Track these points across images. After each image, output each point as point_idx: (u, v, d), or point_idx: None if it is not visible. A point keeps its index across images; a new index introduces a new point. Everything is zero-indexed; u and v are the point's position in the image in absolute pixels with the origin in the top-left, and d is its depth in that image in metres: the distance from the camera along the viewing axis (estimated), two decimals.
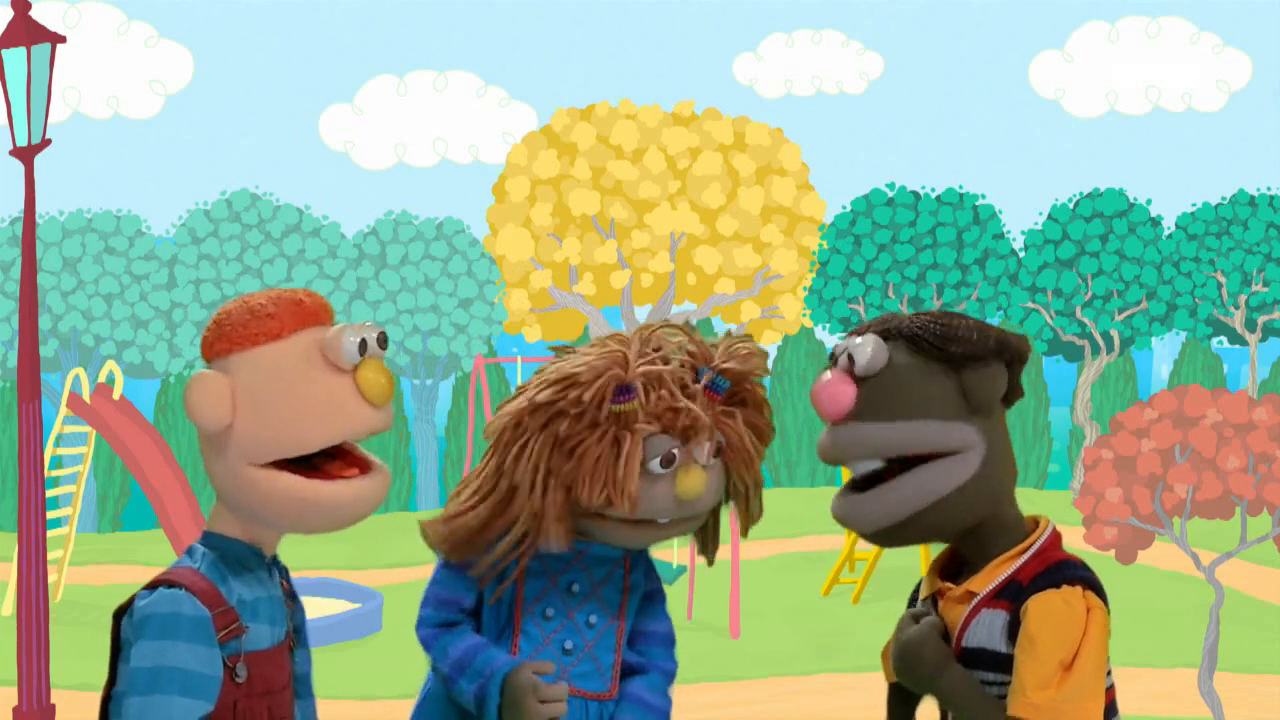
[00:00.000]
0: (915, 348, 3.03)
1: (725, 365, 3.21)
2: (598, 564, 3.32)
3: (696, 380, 3.19)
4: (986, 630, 3.03)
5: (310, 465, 2.91)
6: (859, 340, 3.03)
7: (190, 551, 2.96)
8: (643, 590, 3.37)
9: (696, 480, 3.13)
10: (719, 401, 3.20)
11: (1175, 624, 11.88)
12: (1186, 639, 10.81)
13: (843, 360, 3.04)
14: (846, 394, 2.99)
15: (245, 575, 2.95)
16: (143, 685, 2.79)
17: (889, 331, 3.06)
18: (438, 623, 3.35)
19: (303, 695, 3.16)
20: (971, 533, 3.07)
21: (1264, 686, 11.20)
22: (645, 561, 3.39)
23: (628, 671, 3.33)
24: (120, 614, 2.95)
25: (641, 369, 3.15)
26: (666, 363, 3.19)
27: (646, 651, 3.36)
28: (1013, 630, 3.00)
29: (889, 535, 3.04)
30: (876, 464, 3.02)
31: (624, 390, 3.13)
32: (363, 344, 2.89)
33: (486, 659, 3.25)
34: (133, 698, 2.79)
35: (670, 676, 3.37)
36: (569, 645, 3.30)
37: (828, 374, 3.04)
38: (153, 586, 2.90)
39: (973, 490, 3.01)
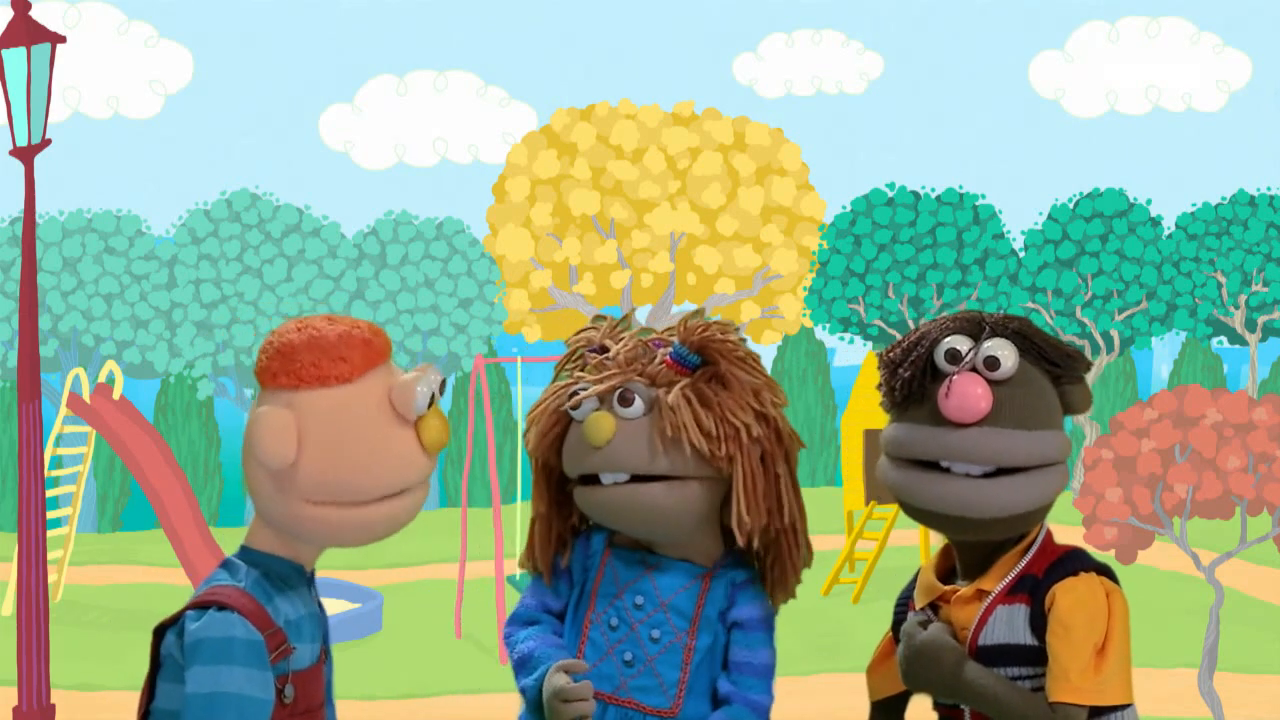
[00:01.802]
0: (1027, 354, 3.05)
1: (686, 337, 3.29)
2: (669, 579, 3.32)
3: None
4: (1006, 625, 3.04)
5: None
6: (994, 342, 3.02)
7: (230, 567, 2.93)
8: (730, 615, 3.32)
9: (597, 422, 3.21)
10: (686, 374, 3.26)
11: (1175, 624, 11.89)
12: (1186, 639, 10.81)
13: (975, 361, 3.03)
14: (986, 398, 2.99)
15: (288, 593, 2.94)
16: (200, 712, 2.78)
17: (1018, 334, 3.05)
18: (522, 621, 3.41)
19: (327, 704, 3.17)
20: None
21: (1264, 686, 11.20)
22: (734, 585, 3.33)
23: (718, 701, 3.32)
24: (161, 630, 2.92)
25: (596, 337, 3.39)
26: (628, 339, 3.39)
27: (739, 681, 3.30)
28: (1035, 622, 3.03)
29: (988, 526, 3.04)
30: (989, 468, 3.02)
31: (591, 351, 3.37)
32: (432, 397, 2.90)
33: (542, 656, 3.29)
34: None
35: (759, 709, 3.29)
36: (629, 657, 3.30)
37: (962, 374, 3.01)
38: (202, 607, 2.85)
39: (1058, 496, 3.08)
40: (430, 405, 2.90)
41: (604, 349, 3.36)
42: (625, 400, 3.22)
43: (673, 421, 3.19)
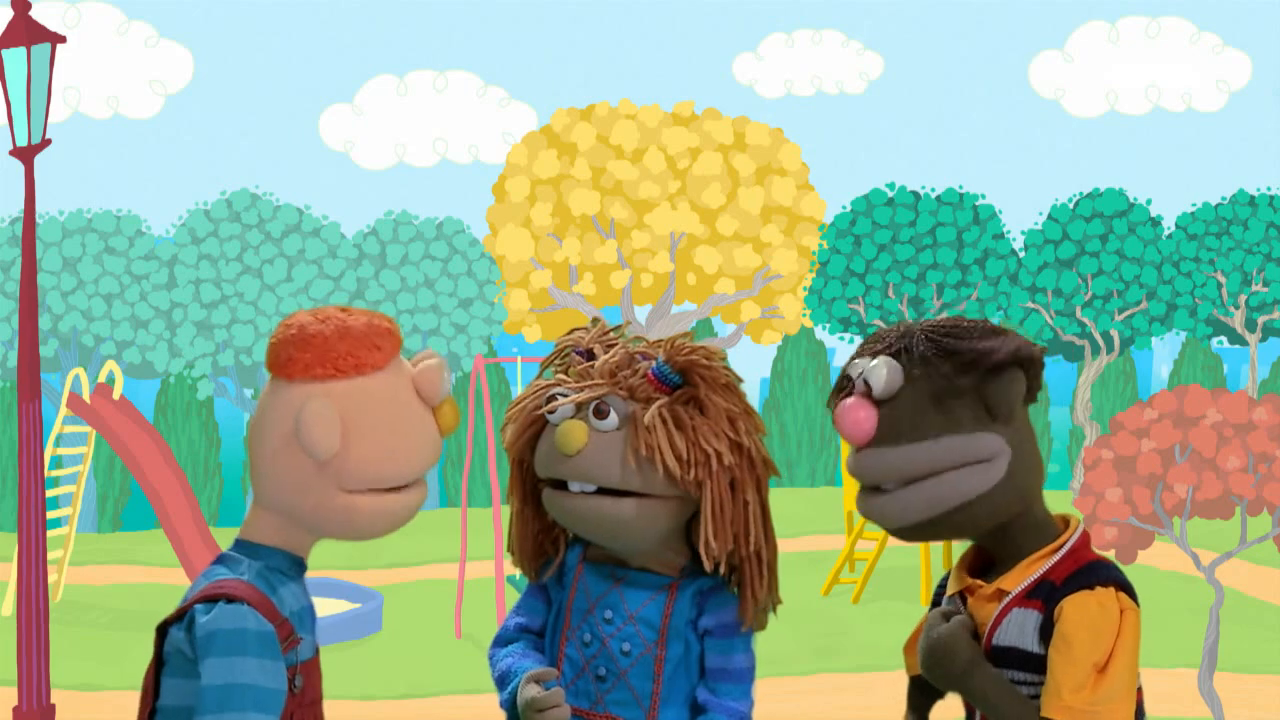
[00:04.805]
0: (929, 363, 3.04)
1: (671, 356, 3.28)
2: (636, 592, 3.32)
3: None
4: (1018, 630, 3.03)
5: None
6: (873, 363, 3.05)
7: (228, 561, 2.95)
8: (701, 623, 3.32)
9: (570, 431, 3.22)
10: (665, 392, 3.24)
11: (1175, 624, 11.88)
12: (1186, 639, 10.81)
13: (859, 384, 3.06)
14: (868, 420, 3.02)
15: (288, 586, 2.96)
16: (215, 703, 2.79)
17: (904, 349, 3.05)
18: (502, 643, 3.42)
19: None
20: (999, 531, 3.08)
21: (1264, 686, 11.20)
22: (701, 592, 3.34)
23: (697, 709, 3.32)
24: (164, 627, 2.93)
25: (584, 339, 3.39)
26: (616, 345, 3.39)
27: (715, 688, 3.32)
28: (1045, 630, 3.01)
29: (915, 532, 3.06)
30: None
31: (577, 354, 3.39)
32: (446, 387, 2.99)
33: (516, 670, 3.30)
34: (205, 716, 2.79)
35: (736, 715, 3.30)
36: (602, 672, 3.30)
37: (849, 399, 3.05)
38: (210, 600, 2.88)
39: (999, 494, 3.03)
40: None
41: (590, 354, 3.35)
42: (600, 413, 3.22)
43: (646, 441, 3.19)
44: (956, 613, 3.10)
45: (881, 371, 3.02)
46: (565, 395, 3.26)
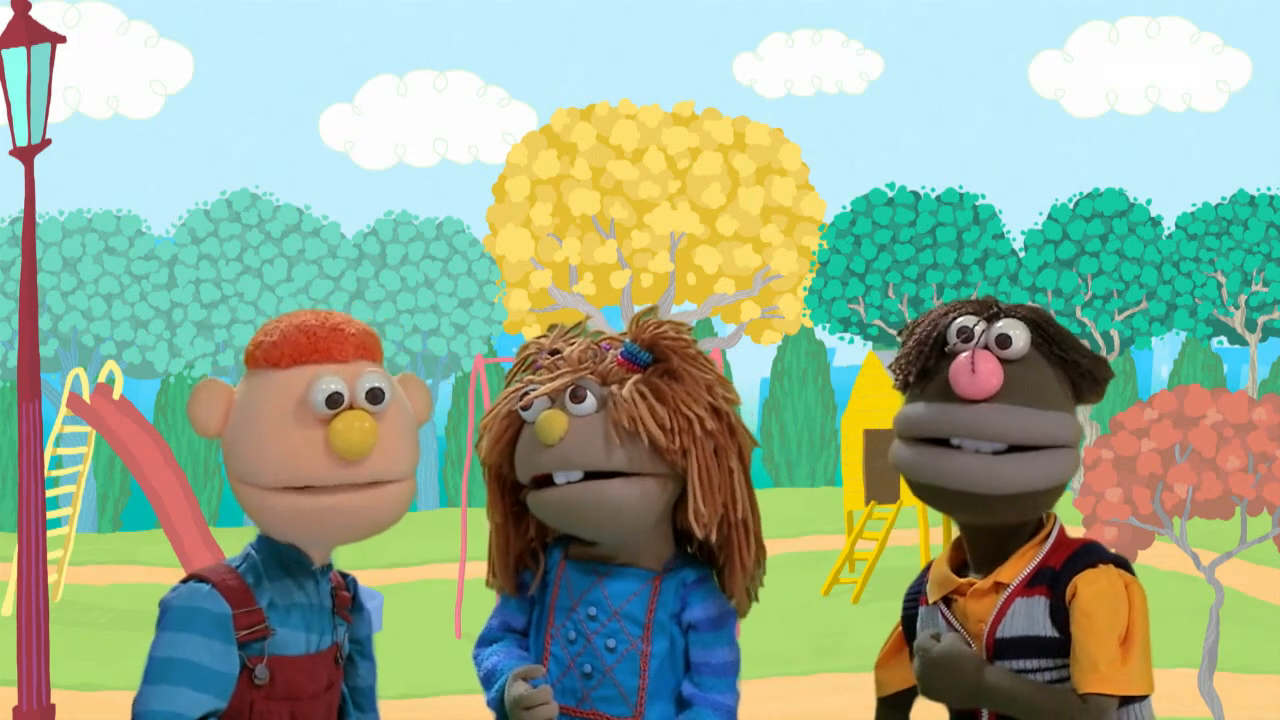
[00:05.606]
0: (1053, 343, 3.08)
1: (637, 335, 3.28)
2: (620, 587, 3.31)
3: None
4: (1026, 618, 3.05)
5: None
6: (1009, 323, 3.05)
7: (244, 551, 2.99)
8: (684, 617, 3.31)
9: (549, 420, 3.19)
10: (638, 371, 3.25)
11: (1175, 624, 11.87)
12: (1186, 639, 10.81)
13: (987, 339, 3.05)
14: (997, 374, 3.01)
15: (286, 580, 2.95)
16: (153, 674, 2.82)
17: (1022, 319, 3.08)
18: (487, 640, 3.41)
19: (365, 709, 3.19)
20: (1003, 525, 3.10)
21: (1264, 686, 11.20)
22: (685, 585, 3.31)
23: (683, 704, 3.31)
24: None
25: (547, 343, 3.37)
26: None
27: (700, 682, 3.29)
28: (1056, 614, 3.04)
29: (996, 504, 3.04)
30: (1000, 446, 3.02)
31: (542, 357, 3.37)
32: (334, 398, 2.83)
33: (503, 669, 3.29)
34: (142, 686, 2.82)
35: (723, 710, 3.27)
36: (588, 669, 3.29)
37: (969, 352, 3.03)
38: (185, 580, 2.94)
39: (1066, 485, 3.10)
40: (340, 406, 2.84)
41: (556, 352, 3.35)
42: (577, 397, 3.21)
43: (628, 414, 3.18)
44: (942, 633, 3.12)
45: (1020, 331, 3.04)
46: (538, 389, 3.25)
